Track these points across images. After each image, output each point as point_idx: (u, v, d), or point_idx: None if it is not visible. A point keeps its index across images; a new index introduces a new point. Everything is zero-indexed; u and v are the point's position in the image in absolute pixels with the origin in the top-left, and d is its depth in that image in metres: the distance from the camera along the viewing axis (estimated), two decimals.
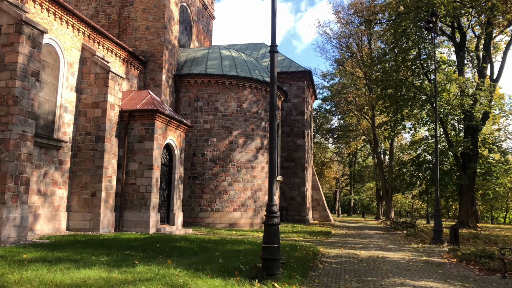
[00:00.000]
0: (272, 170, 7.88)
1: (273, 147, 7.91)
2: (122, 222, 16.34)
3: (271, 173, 7.88)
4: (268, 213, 7.77)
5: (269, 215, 7.74)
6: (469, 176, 26.46)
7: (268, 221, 7.71)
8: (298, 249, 12.31)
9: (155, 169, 16.70)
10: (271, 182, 7.87)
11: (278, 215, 7.83)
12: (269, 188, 7.87)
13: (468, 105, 24.63)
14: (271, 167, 7.92)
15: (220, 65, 22.69)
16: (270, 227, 7.68)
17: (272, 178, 7.85)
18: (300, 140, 29.87)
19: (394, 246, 15.63)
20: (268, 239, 7.63)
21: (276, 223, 7.72)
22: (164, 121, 17.41)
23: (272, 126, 7.95)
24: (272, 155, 7.91)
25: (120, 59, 19.47)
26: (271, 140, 7.94)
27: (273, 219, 7.71)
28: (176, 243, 11.96)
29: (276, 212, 7.80)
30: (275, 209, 7.79)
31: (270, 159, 7.92)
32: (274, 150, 7.92)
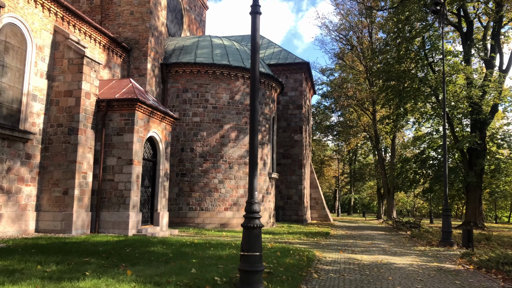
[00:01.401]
0: (253, 158, 6.35)
1: (254, 131, 6.37)
2: (98, 222, 14.80)
3: (252, 163, 6.35)
4: (248, 212, 6.24)
5: (248, 215, 6.22)
6: (476, 173, 24.92)
7: (247, 222, 6.18)
8: (290, 253, 10.78)
9: (135, 164, 15.16)
10: (251, 174, 6.33)
11: (260, 216, 6.30)
12: (250, 182, 6.34)
13: (477, 96, 23.07)
14: (251, 155, 6.38)
15: (210, 53, 21.14)
16: (250, 230, 6.15)
17: (253, 169, 6.31)
18: (297, 135, 28.32)
19: (399, 249, 14.09)
20: (248, 246, 6.09)
21: (258, 225, 6.18)
22: (146, 112, 15.86)
23: (254, 104, 6.41)
24: (253, 141, 6.37)
25: (100, 46, 17.92)
26: (252, 122, 6.41)
27: (254, 221, 6.18)
28: (151, 248, 10.43)
29: (258, 211, 6.27)
30: (257, 207, 6.26)
31: (251, 145, 6.38)
32: (255, 135, 6.38)
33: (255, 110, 6.43)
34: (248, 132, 21.10)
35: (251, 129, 6.42)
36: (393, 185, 34.76)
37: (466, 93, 23.35)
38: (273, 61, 28.61)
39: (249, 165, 6.39)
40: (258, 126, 6.45)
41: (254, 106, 6.42)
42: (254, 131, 6.40)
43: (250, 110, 6.45)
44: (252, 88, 6.49)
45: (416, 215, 66.50)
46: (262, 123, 22.13)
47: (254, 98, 6.46)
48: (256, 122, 6.44)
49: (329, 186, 67.29)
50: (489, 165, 25.88)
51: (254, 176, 6.32)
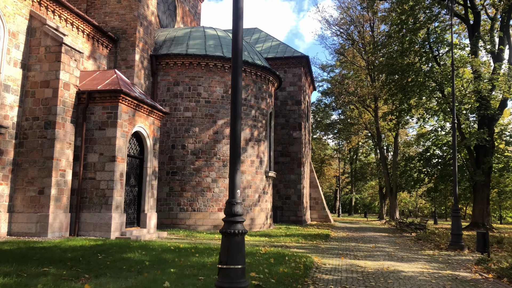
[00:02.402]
0: (235, 148, 5.17)
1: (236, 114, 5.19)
2: (78, 224, 13.60)
3: (233, 153, 5.17)
4: (228, 215, 5.06)
5: (229, 218, 5.03)
6: (484, 171, 23.69)
7: (227, 228, 5.00)
8: (285, 260, 9.58)
9: (119, 161, 13.96)
10: (232, 167, 5.15)
11: (242, 219, 5.10)
12: (230, 177, 5.15)
13: (486, 90, 21.84)
14: (233, 144, 5.20)
15: (203, 44, 19.94)
16: (230, 238, 4.96)
17: (235, 161, 5.13)
18: (296, 132, 27.10)
19: (405, 254, 12.89)
20: (228, 257, 4.90)
21: (240, 231, 4.98)
22: (131, 105, 14.67)
23: (236, 77, 5.22)
24: (235, 126, 5.19)
25: (84, 35, 16.73)
26: (233, 104, 5.22)
27: (235, 226, 4.99)
28: (128, 254, 9.23)
29: (240, 214, 5.08)
30: (239, 209, 5.07)
31: (232, 132, 5.20)
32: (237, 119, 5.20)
33: (238, 88, 5.24)
34: (244, 129, 19.95)
35: (233, 112, 5.23)
36: (396, 185, 33.52)
37: (474, 87, 22.10)
38: (270, 54, 27.41)
39: (230, 156, 5.20)
40: (241, 109, 5.25)
41: (236, 83, 5.23)
42: (236, 114, 5.21)
43: (232, 88, 5.27)
44: (234, 58, 5.29)
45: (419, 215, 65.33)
46: (258, 118, 20.92)
47: (237, 74, 5.26)
48: (239, 104, 5.24)
49: (330, 186, 66.05)
50: (497, 163, 24.64)
51: (236, 170, 5.13)
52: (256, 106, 20.82)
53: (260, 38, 30.01)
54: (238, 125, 5.20)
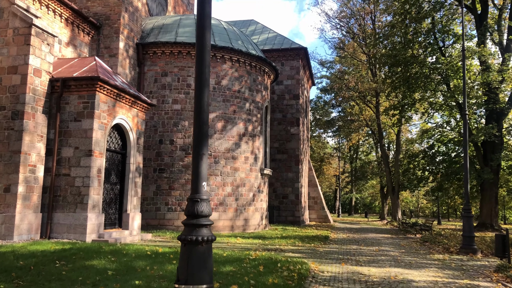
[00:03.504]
0: (200, 127, 3.86)
1: (202, 82, 3.88)
2: (50, 225, 12.28)
3: (199, 132, 3.86)
4: (190, 216, 3.74)
5: (190, 220, 3.72)
6: (493, 169, 22.37)
7: (187, 233, 3.69)
8: (277, 268, 8.26)
9: (96, 155, 12.63)
10: (197, 152, 3.84)
11: (210, 222, 3.78)
12: (194, 165, 3.85)
13: (496, 81, 20.51)
14: (199, 120, 3.89)
15: (194, 32, 18.59)
16: (191, 247, 3.65)
17: (201, 145, 3.82)
18: (294, 128, 25.78)
19: (413, 258, 11.58)
20: (187, 273, 3.59)
21: (206, 238, 3.67)
22: (111, 94, 13.34)
23: (202, 29, 3.91)
24: (201, 99, 3.88)
25: (62, 19, 15.40)
26: (199, 57, 3.92)
27: (200, 231, 3.68)
28: (93, 261, 7.91)
29: (206, 214, 3.75)
30: (205, 208, 3.75)
31: (198, 107, 3.89)
32: (204, 89, 3.88)
33: (204, 45, 3.92)
34: (237, 123, 18.64)
35: (198, 76, 3.92)
36: (398, 183, 32.19)
37: (483, 79, 20.76)
38: (267, 46, 26.07)
39: (194, 136, 3.89)
40: (209, 73, 3.94)
41: (202, 37, 3.91)
42: (202, 79, 3.90)
43: (197, 44, 3.97)
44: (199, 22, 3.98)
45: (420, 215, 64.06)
46: (253, 112, 19.60)
47: (204, 26, 3.95)
48: (206, 66, 3.93)
49: (329, 185, 64.70)
50: (506, 161, 23.33)
51: (201, 155, 3.81)
52: (251, 99, 19.50)
53: (256, 30, 28.69)
54: (204, 94, 3.89)
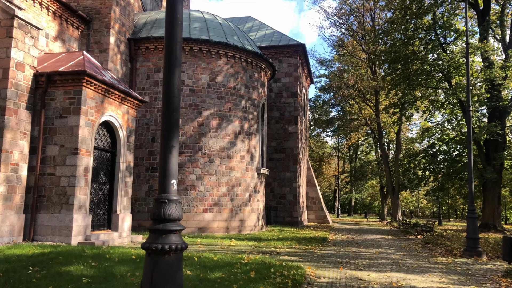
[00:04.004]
0: (170, 113, 3.28)
1: (173, 57, 3.30)
2: (34, 227, 11.69)
3: (168, 121, 3.28)
4: (156, 220, 3.15)
5: (156, 225, 3.14)
6: (496, 168, 21.80)
7: (152, 241, 3.11)
8: (270, 273, 7.68)
9: (83, 154, 12.05)
10: (165, 146, 3.25)
11: (181, 227, 3.20)
12: (162, 159, 3.26)
13: (500, 78, 19.93)
14: (168, 106, 3.31)
15: (187, 27, 18.02)
16: (156, 257, 3.06)
17: (169, 137, 3.24)
18: (292, 127, 25.19)
19: (415, 262, 11.00)
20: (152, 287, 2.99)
21: (174, 247, 3.09)
22: (99, 90, 12.76)
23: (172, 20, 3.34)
24: (171, 75, 3.29)
25: (49, 12, 14.81)
26: (169, 33, 3.34)
27: (167, 238, 3.11)
28: (71, 266, 7.32)
29: (175, 218, 3.17)
30: (174, 211, 3.17)
31: (167, 87, 3.31)
32: (175, 61, 3.30)
33: (175, 16, 3.35)
34: (233, 121, 18.04)
35: (168, 54, 3.34)
36: (399, 183, 31.58)
37: (486, 75, 20.18)
38: (264, 43, 25.48)
39: (162, 125, 3.30)
40: (180, 51, 3.36)
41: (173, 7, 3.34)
42: (172, 57, 3.32)
43: (167, 16, 3.36)
44: None
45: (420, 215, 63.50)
46: (249, 109, 19.01)
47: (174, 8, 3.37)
48: (177, 42, 3.35)
49: (329, 186, 64.10)
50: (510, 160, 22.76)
51: (171, 148, 3.23)
52: (247, 96, 18.92)
53: (253, 27, 28.11)
54: (175, 76, 3.31)
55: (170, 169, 3.17)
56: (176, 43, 3.29)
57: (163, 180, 3.15)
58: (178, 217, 3.15)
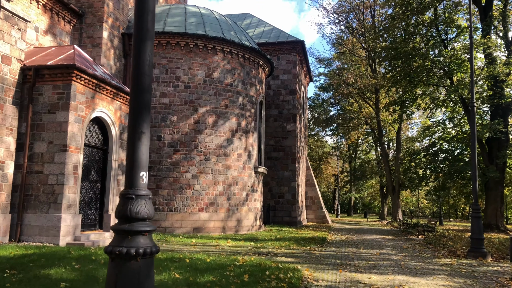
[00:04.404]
0: (140, 91, 2.81)
1: (143, 30, 2.83)
2: (21, 227, 11.23)
3: (137, 101, 2.81)
4: (122, 219, 2.68)
5: (121, 225, 2.66)
6: (498, 167, 21.34)
7: (117, 243, 2.63)
8: (266, 276, 7.23)
9: (72, 151, 11.59)
10: (135, 129, 2.78)
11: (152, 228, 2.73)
12: (129, 148, 2.78)
13: (503, 74, 19.47)
14: (137, 83, 2.84)
15: (183, 22, 17.56)
16: (121, 263, 2.59)
17: (139, 119, 2.76)
18: (290, 125, 24.72)
19: (418, 263, 10.53)
20: None
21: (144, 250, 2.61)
22: (90, 85, 12.30)
23: None
24: (141, 50, 2.82)
25: (39, 5, 14.34)
26: (138, 23, 2.87)
27: (133, 241, 2.64)
28: (51, 269, 6.86)
29: (145, 217, 2.70)
30: (143, 208, 2.70)
31: (136, 62, 2.84)
32: (146, 34, 2.83)
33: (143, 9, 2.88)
34: (230, 118, 17.58)
35: (137, 27, 2.86)
36: (399, 183, 31.11)
37: (489, 72, 19.71)
38: (262, 40, 25.00)
39: (130, 107, 2.84)
40: (152, 23, 2.90)
41: None
42: (143, 31, 2.85)
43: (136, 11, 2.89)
44: None
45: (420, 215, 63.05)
46: (246, 107, 18.55)
47: None
48: (149, 12, 2.88)
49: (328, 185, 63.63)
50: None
51: (140, 135, 2.77)
52: (244, 93, 18.45)
53: (251, 24, 27.64)
54: (146, 50, 2.84)
55: (139, 159, 2.71)
56: (147, 12, 2.84)
57: (131, 172, 2.70)
58: (148, 216, 2.69)
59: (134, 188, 2.67)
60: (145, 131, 2.76)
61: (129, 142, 2.74)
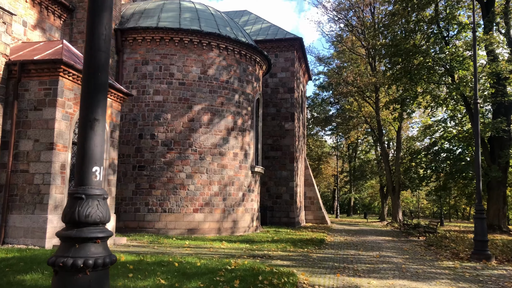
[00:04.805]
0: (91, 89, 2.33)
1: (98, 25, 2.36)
2: (5, 229, 10.76)
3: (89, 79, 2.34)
4: (70, 223, 2.21)
5: (68, 231, 2.19)
6: (501, 167, 20.89)
7: (62, 253, 2.16)
8: (258, 281, 6.76)
9: (59, 149, 11.12)
10: (84, 124, 2.31)
11: (103, 234, 2.26)
12: (80, 143, 2.31)
13: (506, 71, 19.02)
14: (88, 83, 2.37)
15: (177, 17, 17.10)
16: (65, 276, 2.13)
17: (91, 113, 2.29)
18: (288, 124, 24.25)
19: (419, 267, 10.07)
20: None
21: (95, 261, 2.14)
22: (78, 81, 11.83)
23: None
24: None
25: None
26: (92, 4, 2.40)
27: (82, 250, 2.17)
28: (27, 275, 6.39)
29: (97, 222, 2.23)
30: (94, 211, 2.22)
31: (90, 37, 2.37)
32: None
33: None
34: (226, 116, 17.12)
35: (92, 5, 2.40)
36: (399, 183, 30.63)
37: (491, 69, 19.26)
38: (260, 37, 24.54)
39: (81, 96, 2.36)
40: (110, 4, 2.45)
41: None
42: (97, 4, 2.38)
43: None
44: None
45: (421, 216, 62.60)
46: (243, 104, 18.09)
47: None
48: None
49: (328, 185, 63.14)
50: None
51: (93, 122, 2.31)
52: (240, 90, 17.99)
53: (249, 21, 27.19)
54: (102, 23, 2.37)
55: (92, 151, 2.25)
56: None
57: (81, 166, 2.24)
58: (101, 220, 2.23)
59: (85, 186, 2.21)
60: (100, 118, 2.30)
61: (80, 131, 2.29)
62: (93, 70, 2.32)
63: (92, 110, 2.27)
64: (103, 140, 2.30)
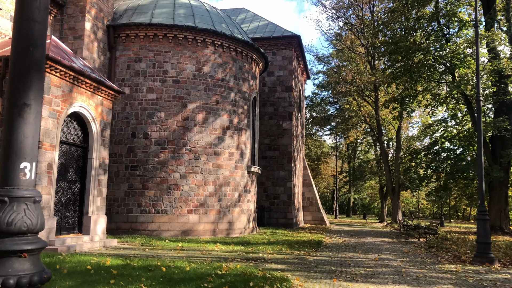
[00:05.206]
0: (21, 67, 1.91)
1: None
2: None
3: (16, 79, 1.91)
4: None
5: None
6: (502, 167, 20.47)
7: None
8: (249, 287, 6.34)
9: (46, 148, 10.70)
10: (11, 110, 1.89)
11: (32, 246, 1.85)
12: (6, 133, 1.88)
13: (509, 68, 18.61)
14: (17, 60, 1.96)
15: (171, 14, 16.68)
16: None
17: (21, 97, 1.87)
18: (286, 123, 23.83)
19: (420, 270, 9.65)
20: None
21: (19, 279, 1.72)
22: (66, 77, 11.41)
23: None
24: (25, 9, 1.94)
25: None
26: None
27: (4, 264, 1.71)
28: None
29: (23, 231, 1.82)
30: (20, 219, 1.83)
31: (18, 28, 1.97)
32: None
33: None
34: (221, 115, 16.68)
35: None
36: (399, 183, 30.21)
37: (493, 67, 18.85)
38: (257, 35, 24.12)
39: (10, 76, 1.94)
40: None
41: None
42: None
43: None
44: None
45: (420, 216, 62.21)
46: (239, 103, 17.67)
47: None
48: None
49: (327, 186, 62.70)
50: None
51: (21, 109, 1.92)
52: (236, 89, 17.57)
53: (246, 18, 26.76)
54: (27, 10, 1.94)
55: (20, 143, 1.84)
56: None
57: (6, 162, 1.82)
58: (29, 228, 1.81)
59: (9, 186, 1.80)
60: (31, 103, 1.88)
61: (6, 118, 1.87)
62: (23, 44, 1.91)
63: (22, 94, 1.85)
64: (35, 131, 1.89)
